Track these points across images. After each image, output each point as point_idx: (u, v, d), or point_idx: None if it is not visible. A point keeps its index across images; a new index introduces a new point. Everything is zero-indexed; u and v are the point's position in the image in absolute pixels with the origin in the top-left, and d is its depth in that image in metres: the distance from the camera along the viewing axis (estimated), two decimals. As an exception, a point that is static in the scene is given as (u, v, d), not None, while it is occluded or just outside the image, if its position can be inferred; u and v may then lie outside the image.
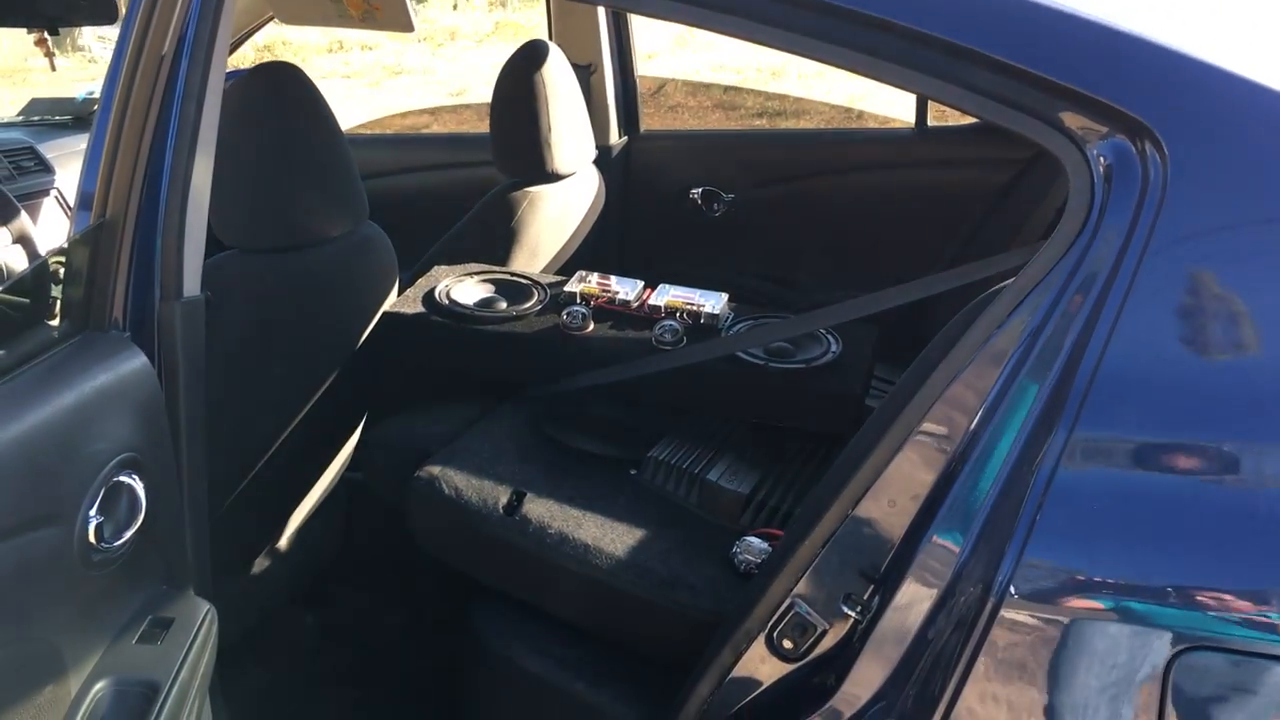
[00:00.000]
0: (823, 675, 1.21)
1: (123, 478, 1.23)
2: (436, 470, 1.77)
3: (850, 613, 1.18)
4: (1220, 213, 1.01)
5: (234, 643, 1.41)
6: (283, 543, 2.07)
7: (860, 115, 4.47)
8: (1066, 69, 1.06)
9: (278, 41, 11.99)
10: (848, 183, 2.71)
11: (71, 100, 3.10)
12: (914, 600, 1.09)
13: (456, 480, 1.75)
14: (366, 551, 2.31)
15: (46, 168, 2.62)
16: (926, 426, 1.11)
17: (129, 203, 1.34)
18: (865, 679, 1.14)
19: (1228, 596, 0.97)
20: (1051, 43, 1.07)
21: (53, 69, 2.71)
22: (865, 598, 1.17)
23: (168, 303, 1.37)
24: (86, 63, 10.28)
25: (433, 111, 6.43)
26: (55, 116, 3.01)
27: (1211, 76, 1.04)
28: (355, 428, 2.13)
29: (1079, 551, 1.01)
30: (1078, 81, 1.05)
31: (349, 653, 2.14)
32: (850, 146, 2.87)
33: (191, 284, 1.41)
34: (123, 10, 2.16)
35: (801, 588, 1.22)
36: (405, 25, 2.70)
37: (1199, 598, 0.97)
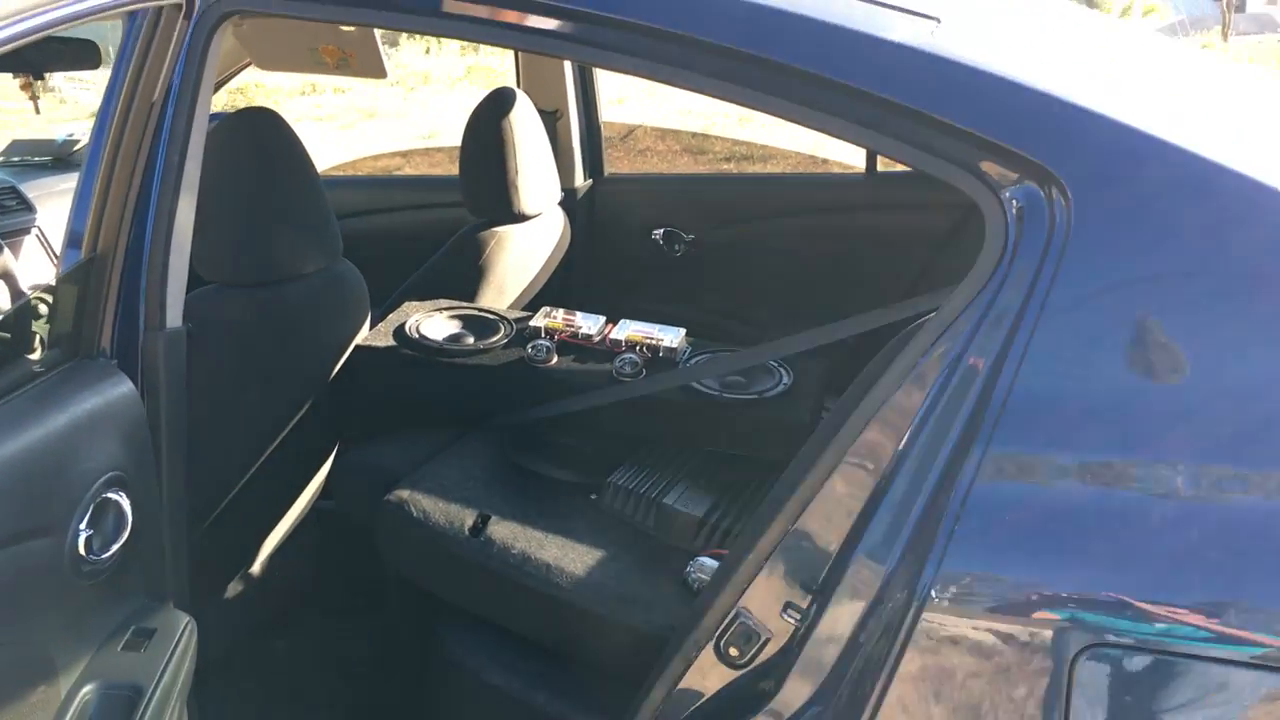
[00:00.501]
0: (765, 681, 1.29)
1: (110, 494, 1.32)
2: (405, 494, 1.85)
3: (791, 621, 1.26)
4: (1117, 249, 1.12)
5: (204, 666, 1.48)
6: (256, 568, 2.14)
7: (825, 161, 4.59)
8: (985, 123, 1.17)
9: (251, 84, 12.08)
10: (802, 225, 2.83)
11: (51, 142, 3.19)
12: (847, 608, 1.18)
13: (424, 503, 1.84)
14: (334, 578, 2.38)
15: (29, 207, 2.70)
16: (859, 447, 1.20)
17: (118, 240, 1.44)
18: (803, 682, 1.23)
19: (1125, 598, 1.07)
20: (971, 100, 1.18)
21: (37, 111, 2.80)
22: (804, 607, 1.26)
23: (152, 333, 1.47)
24: (58, 103, 10.36)
25: (405, 154, 6.52)
26: (35, 157, 3.09)
27: (1110, 129, 1.15)
28: (328, 455, 2.21)
29: (992, 559, 1.10)
30: (994, 134, 1.16)
31: (317, 677, 2.21)
32: (804, 191, 3.00)
33: (174, 316, 1.50)
34: (106, 58, 2.26)
35: (746, 600, 1.30)
36: (378, 71, 2.81)
37: (1099, 599, 1.07)
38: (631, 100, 10.43)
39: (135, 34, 1.37)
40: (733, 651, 1.31)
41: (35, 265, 2.62)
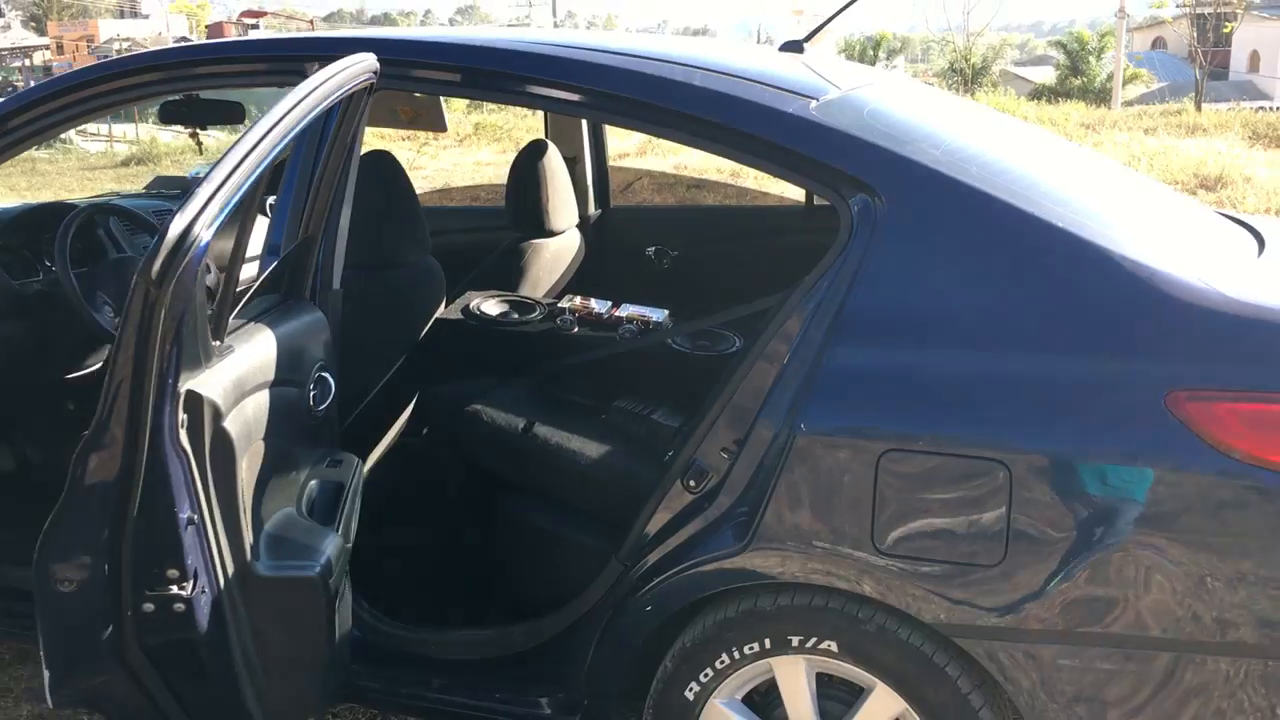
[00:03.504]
0: (711, 498, 2.14)
1: (322, 374, 2.24)
2: (479, 408, 2.78)
3: (726, 458, 2.13)
4: (910, 231, 2.03)
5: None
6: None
7: (781, 197, 5.48)
8: (840, 160, 2.09)
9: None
10: (756, 244, 3.76)
11: (183, 178, 4.14)
12: (756, 446, 2.06)
13: (491, 413, 2.77)
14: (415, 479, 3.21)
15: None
16: (768, 351, 2.07)
17: (317, 232, 2.35)
18: (731, 494, 2.09)
19: (909, 429, 1.95)
20: (832, 146, 2.11)
21: (200, 152, 3.74)
22: (733, 449, 2.13)
23: (325, 289, 2.39)
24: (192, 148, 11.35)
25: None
26: (173, 190, 4.03)
27: (914, 165, 2.06)
28: (413, 394, 3.10)
29: (835, 410, 2.01)
30: (844, 167, 2.08)
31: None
32: (760, 218, 3.96)
33: (337, 281, 2.43)
34: (249, 115, 3.21)
35: (699, 451, 2.16)
36: (440, 126, 3.82)
37: (893, 426, 1.96)
38: (630, 157, 11.37)
39: (346, 101, 2.24)
40: (691, 483, 2.16)
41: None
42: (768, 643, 2.09)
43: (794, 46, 2.76)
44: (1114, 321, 1.89)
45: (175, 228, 1.64)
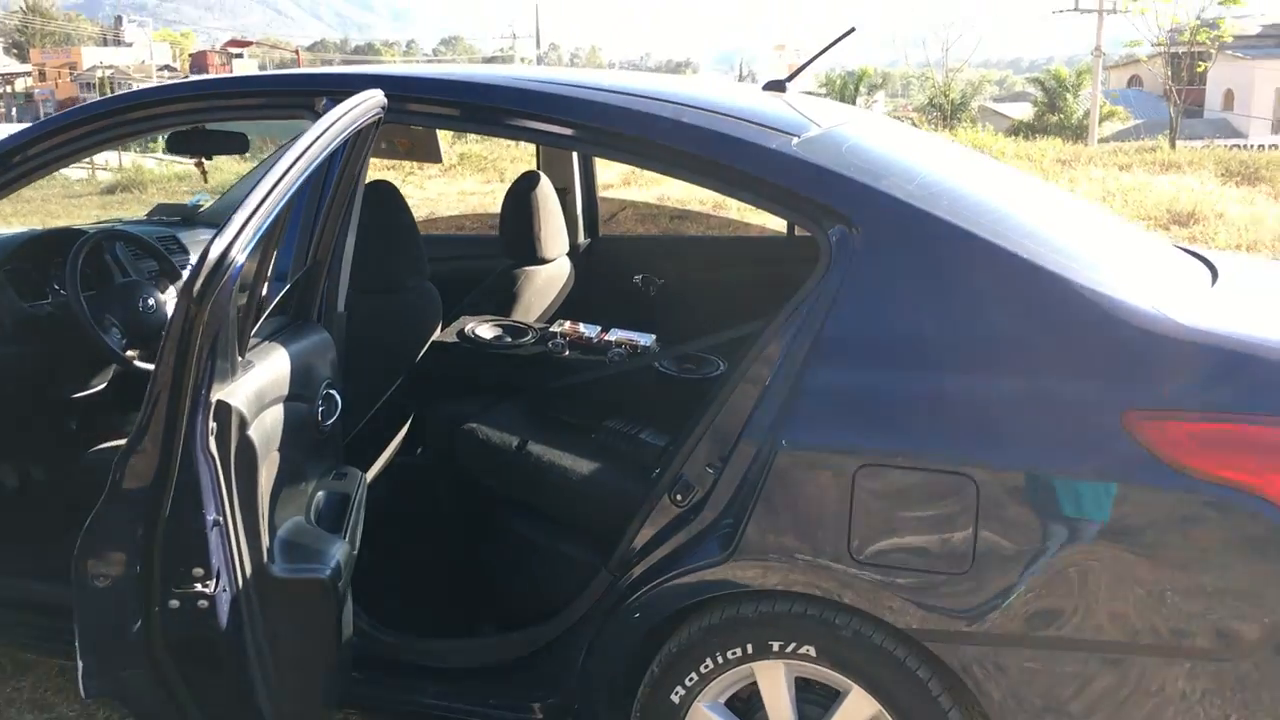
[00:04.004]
0: (696, 512, 2.26)
1: (329, 390, 2.35)
2: (475, 426, 2.90)
3: (711, 473, 2.27)
4: (883, 259, 2.17)
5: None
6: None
7: (763, 227, 5.65)
8: (820, 194, 2.23)
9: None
10: (740, 272, 3.91)
11: (184, 205, 4.26)
12: (739, 462, 2.18)
13: (487, 431, 2.89)
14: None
15: (184, 249, 3.75)
16: (752, 371, 2.21)
17: (326, 258, 2.47)
18: (715, 508, 2.22)
19: (882, 446, 2.09)
20: (813, 181, 2.25)
21: (205, 180, 3.88)
22: (718, 465, 2.26)
23: (331, 312, 2.51)
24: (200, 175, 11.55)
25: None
26: (174, 217, 4.16)
27: (885, 198, 2.21)
28: (409, 414, 3.23)
29: (813, 427, 2.14)
30: (825, 200, 2.22)
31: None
32: (744, 248, 4.10)
33: (341, 304, 2.55)
34: (251, 144, 3.33)
35: (685, 468, 2.30)
36: (435, 157, 3.96)
37: (869, 441, 2.09)
38: (614, 188, 11.52)
39: (355, 135, 2.37)
40: (678, 497, 2.28)
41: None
42: (750, 648, 2.21)
43: (777, 86, 2.90)
44: (1074, 346, 2.03)
45: (215, 250, 1.77)
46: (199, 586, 1.89)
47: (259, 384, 2.05)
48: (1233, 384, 1.98)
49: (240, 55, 79.99)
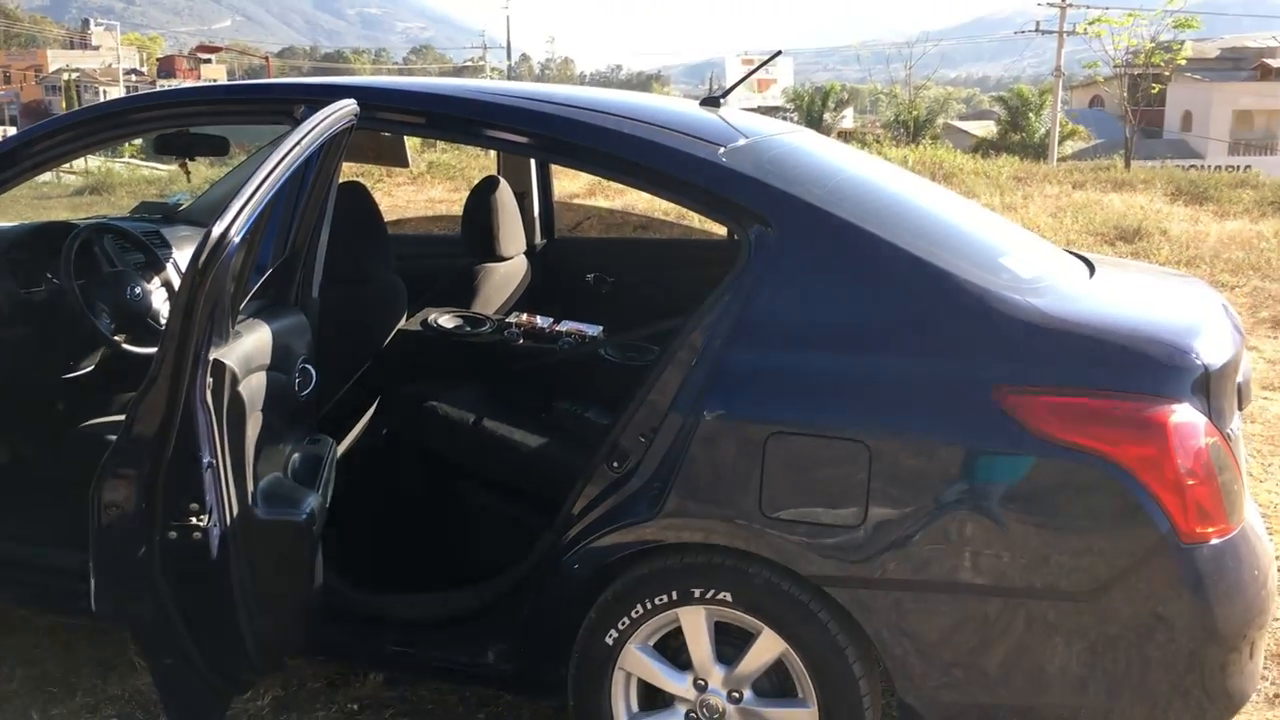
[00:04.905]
0: (630, 477, 2.54)
1: (305, 365, 2.64)
2: (438, 404, 3.20)
3: (643, 441, 2.55)
4: (799, 255, 2.48)
5: None
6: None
7: (709, 232, 6.00)
8: (738, 192, 2.55)
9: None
10: (684, 272, 4.20)
11: (165, 203, 4.53)
12: (667, 430, 2.48)
13: (447, 409, 3.19)
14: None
15: (167, 244, 4.02)
16: (679, 355, 2.50)
17: (302, 249, 2.75)
18: (645, 473, 2.51)
19: (792, 415, 2.40)
20: (730, 180, 2.56)
21: (188, 180, 4.15)
22: (649, 434, 2.53)
23: (307, 297, 2.80)
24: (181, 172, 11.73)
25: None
26: (156, 214, 4.42)
27: (797, 202, 2.53)
28: (377, 395, 3.51)
29: (729, 398, 2.44)
30: (746, 202, 2.53)
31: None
32: (689, 250, 4.43)
33: (315, 291, 2.84)
34: (232, 146, 3.62)
35: (622, 438, 2.58)
36: (402, 163, 4.25)
37: (780, 411, 2.40)
38: (580, 197, 11.79)
39: (331, 139, 2.66)
40: (614, 464, 2.56)
41: (172, 283, 3.92)
42: (674, 595, 2.50)
43: (713, 102, 3.22)
44: (952, 330, 2.36)
45: (216, 231, 2.07)
46: (194, 520, 2.18)
47: (246, 350, 2.34)
48: (1088, 363, 2.30)
49: (209, 60, 79.76)
